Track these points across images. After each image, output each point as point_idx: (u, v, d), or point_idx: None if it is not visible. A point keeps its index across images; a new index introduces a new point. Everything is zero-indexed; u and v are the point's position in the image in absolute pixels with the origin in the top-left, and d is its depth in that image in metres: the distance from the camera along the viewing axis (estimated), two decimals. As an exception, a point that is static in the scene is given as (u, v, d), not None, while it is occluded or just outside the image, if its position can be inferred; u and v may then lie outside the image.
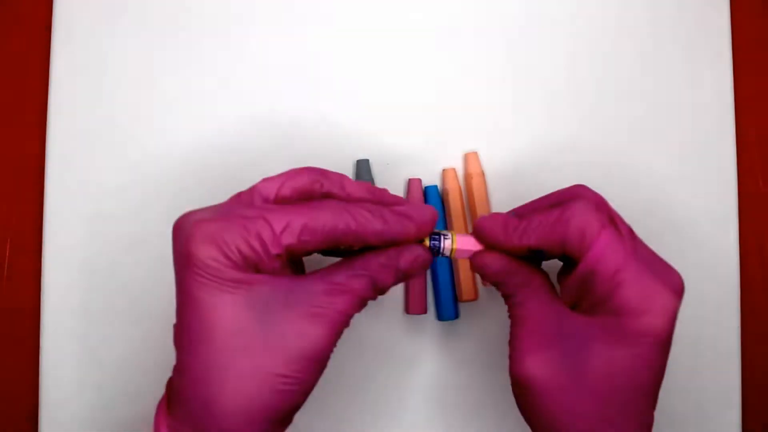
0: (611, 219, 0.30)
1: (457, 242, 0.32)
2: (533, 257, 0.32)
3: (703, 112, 0.44)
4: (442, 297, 0.41)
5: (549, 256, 0.32)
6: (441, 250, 0.32)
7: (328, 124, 0.43)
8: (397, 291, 0.42)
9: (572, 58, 0.44)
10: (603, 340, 0.29)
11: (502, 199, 0.42)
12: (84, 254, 0.42)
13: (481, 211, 0.41)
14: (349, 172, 0.42)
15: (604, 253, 0.28)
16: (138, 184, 0.42)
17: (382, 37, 0.43)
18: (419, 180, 0.42)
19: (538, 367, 0.29)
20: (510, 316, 0.32)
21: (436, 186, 0.42)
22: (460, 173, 0.43)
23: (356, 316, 0.42)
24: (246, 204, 0.30)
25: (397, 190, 0.42)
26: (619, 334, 0.28)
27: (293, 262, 0.32)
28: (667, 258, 0.31)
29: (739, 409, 0.42)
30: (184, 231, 0.29)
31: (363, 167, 0.42)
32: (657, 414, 0.30)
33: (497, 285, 0.32)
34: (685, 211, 0.43)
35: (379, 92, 0.43)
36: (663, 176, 0.43)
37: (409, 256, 0.30)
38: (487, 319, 0.42)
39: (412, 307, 0.41)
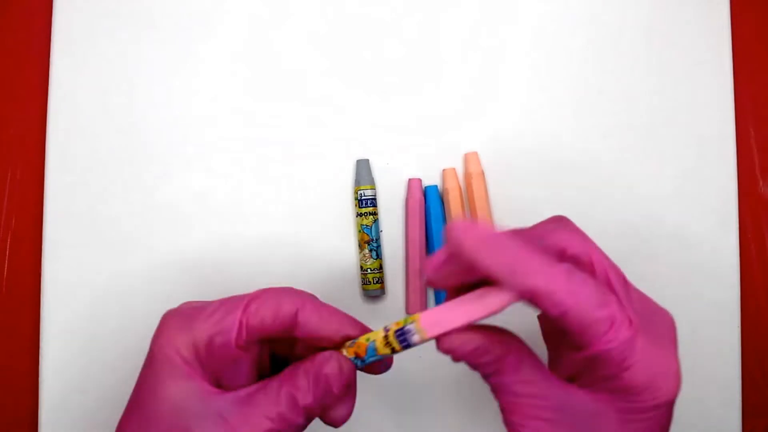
0: (606, 280, 0.27)
1: (424, 325, 0.27)
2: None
3: (703, 112, 0.44)
4: (442, 297, 0.41)
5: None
6: (410, 340, 0.27)
7: (329, 124, 0.43)
8: (398, 291, 0.42)
9: (572, 59, 0.44)
10: (613, 418, 0.27)
11: (502, 199, 0.42)
12: (84, 254, 0.42)
13: (481, 212, 0.41)
14: (349, 172, 0.42)
15: (610, 345, 0.25)
16: (138, 184, 0.42)
17: (384, 38, 0.43)
18: (419, 180, 0.42)
19: None
20: (496, 397, 0.28)
21: (436, 186, 0.42)
22: (460, 173, 0.43)
23: (357, 315, 0.42)
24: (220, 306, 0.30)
25: (397, 189, 0.42)
26: (631, 413, 0.27)
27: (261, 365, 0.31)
28: (667, 259, 0.31)
29: (739, 409, 0.42)
30: (157, 329, 0.30)
31: (363, 167, 0.42)
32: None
33: (470, 366, 0.28)
34: (685, 211, 0.43)
35: (379, 92, 0.43)
36: (663, 176, 0.43)
37: (332, 362, 0.29)
38: (487, 319, 0.42)
39: (412, 307, 0.41)
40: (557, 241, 0.28)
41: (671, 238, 0.43)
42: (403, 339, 0.28)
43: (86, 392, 0.41)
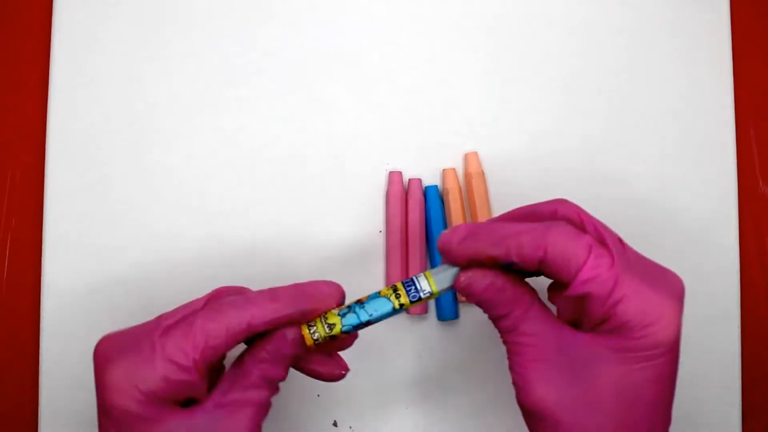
0: (598, 236, 0.28)
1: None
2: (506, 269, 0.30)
3: (703, 112, 0.44)
4: (442, 297, 0.41)
5: (523, 271, 0.30)
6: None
7: (328, 125, 0.43)
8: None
9: (572, 59, 0.44)
10: (611, 359, 0.27)
11: (502, 199, 0.42)
12: (84, 254, 0.42)
13: (481, 211, 0.41)
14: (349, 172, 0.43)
15: (594, 275, 0.27)
16: (138, 183, 0.42)
17: (383, 38, 0.43)
18: (419, 180, 0.42)
19: (551, 395, 0.28)
20: (505, 342, 0.30)
21: (436, 186, 0.42)
22: (460, 173, 0.43)
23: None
24: (152, 331, 0.30)
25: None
26: (627, 352, 0.27)
27: (214, 370, 0.32)
28: (667, 259, 0.31)
29: (739, 409, 0.42)
30: (98, 374, 0.30)
31: (363, 167, 0.42)
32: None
33: (483, 305, 0.30)
34: (685, 211, 0.43)
35: (378, 93, 0.43)
36: (663, 176, 0.43)
37: (283, 340, 0.30)
38: (487, 319, 0.42)
39: (412, 307, 0.41)
40: (550, 208, 0.30)
41: (671, 238, 0.43)
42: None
43: (86, 392, 0.41)
